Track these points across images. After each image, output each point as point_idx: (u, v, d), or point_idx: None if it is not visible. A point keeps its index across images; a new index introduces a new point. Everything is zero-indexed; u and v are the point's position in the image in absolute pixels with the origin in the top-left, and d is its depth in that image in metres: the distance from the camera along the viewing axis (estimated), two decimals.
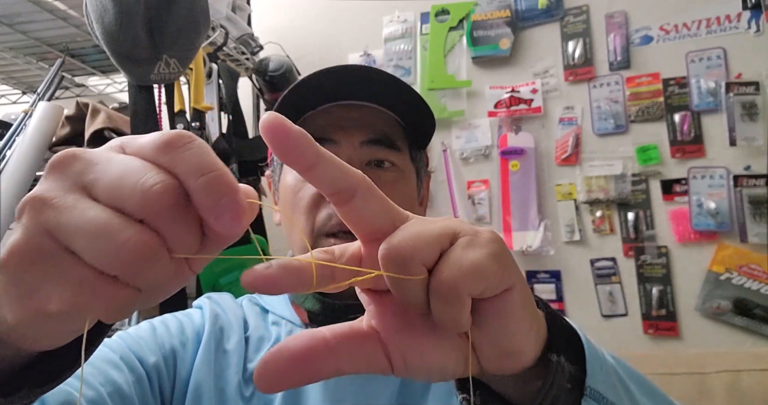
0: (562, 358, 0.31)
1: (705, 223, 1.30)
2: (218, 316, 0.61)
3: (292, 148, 0.26)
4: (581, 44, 1.46)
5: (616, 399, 0.33)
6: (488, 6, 1.56)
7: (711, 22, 1.37)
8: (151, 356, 0.54)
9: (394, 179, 0.60)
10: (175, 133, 0.24)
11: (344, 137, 0.59)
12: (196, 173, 0.23)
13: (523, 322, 0.29)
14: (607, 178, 1.39)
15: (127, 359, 0.52)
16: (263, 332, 0.61)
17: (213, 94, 1.30)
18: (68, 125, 1.14)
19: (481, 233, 0.28)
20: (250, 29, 1.45)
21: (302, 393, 0.56)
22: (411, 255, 0.25)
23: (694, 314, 1.30)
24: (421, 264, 0.26)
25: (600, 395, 0.32)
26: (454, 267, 0.26)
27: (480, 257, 0.26)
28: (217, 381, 0.56)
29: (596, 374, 0.32)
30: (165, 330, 0.58)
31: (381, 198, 0.28)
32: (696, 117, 1.35)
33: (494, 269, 0.26)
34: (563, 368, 0.31)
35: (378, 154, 0.59)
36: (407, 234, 0.26)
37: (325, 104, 0.60)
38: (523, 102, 1.48)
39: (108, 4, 0.92)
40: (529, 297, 0.30)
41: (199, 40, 1.06)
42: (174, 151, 0.23)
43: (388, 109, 0.61)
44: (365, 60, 1.65)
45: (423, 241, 0.26)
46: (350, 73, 0.60)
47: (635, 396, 0.36)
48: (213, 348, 0.58)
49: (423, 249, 0.26)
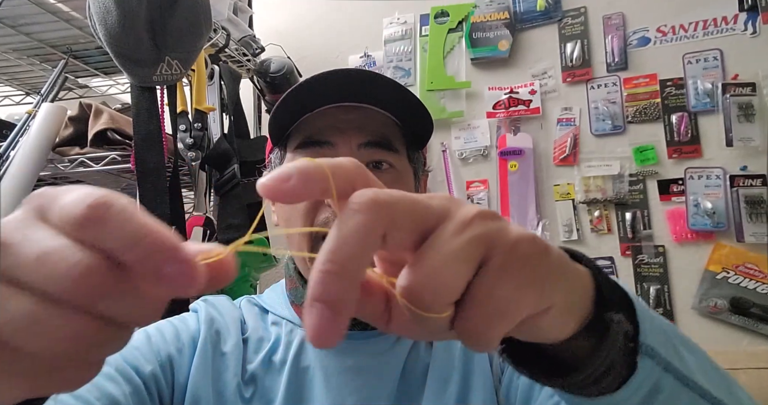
0: (620, 316, 0.29)
1: (702, 222, 1.31)
2: (214, 319, 0.61)
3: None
4: (579, 46, 1.48)
5: (668, 356, 0.31)
6: (487, 8, 1.57)
7: (708, 24, 1.38)
8: (147, 365, 0.54)
9: (392, 181, 0.60)
10: (93, 201, 0.20)
11: (342, 140, 0.59)
12: (124, 247, 0.20)
13: (561, 318, 0.27)
14: (605, 179, 1.41)
15: (122, 371, 0.51)
16: (263, 333, 0.61)
17: (215, 95, 1.32)
18: (71, 126, 1.15)
19: (517, 247, 0.24)
20: (251, 31, 1.46)
21: (304, 392, 0.57)
22: (432, 297, 0.23)
23: (691, 313, 1.31)
24: (445, 304, 0.23)
25: (654, 351, 0.30)
26: (483, 310, 0.23)
27: (514, 292, 0.23)
28: (214, 385, 0.56)
29: (648, 331, 0.30)
30: (160, 337, 0.58)
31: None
32: (693, 118, 1.36)
33: (530, 300, 0.24)
34: (621, 327, 0.29)
35: (376, 156, 0.60)
36: (428, 269, 0.23)
37: (322, 106, 0.60)
38: (522, 103, 1.49)
39: (111, 6, 0.93)
40: (569, 282, 0.27)
41: (201, 41, 1.07)
42: (95, 225, 0.20)
43: (385, 110, 0.62)
44: (365, 61, 1.66)
45: (448, 275, 0.23)
46: (347, 75, 0.60)
47: (683, 354, 0.33)
48: (209, 352, 0.57)
49: (447, 286, 0.23)
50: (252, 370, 0.58)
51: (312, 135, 0.60)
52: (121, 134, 1.13)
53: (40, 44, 1.27)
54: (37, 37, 1.25)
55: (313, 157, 0.64)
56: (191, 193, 1.29)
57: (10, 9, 1.13)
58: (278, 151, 0.65)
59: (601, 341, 0.29)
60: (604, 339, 0.29)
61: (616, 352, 0.28)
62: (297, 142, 0.60)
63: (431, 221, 0.24)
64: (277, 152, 0.65)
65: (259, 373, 0.57)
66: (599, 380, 0.29)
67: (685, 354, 0.33)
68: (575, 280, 0.28)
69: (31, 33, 1.24)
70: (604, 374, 0.29)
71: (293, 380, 0.57)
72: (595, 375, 0.29)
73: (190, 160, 1.18)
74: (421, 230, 0.24)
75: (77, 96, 1.49)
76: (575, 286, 0.28)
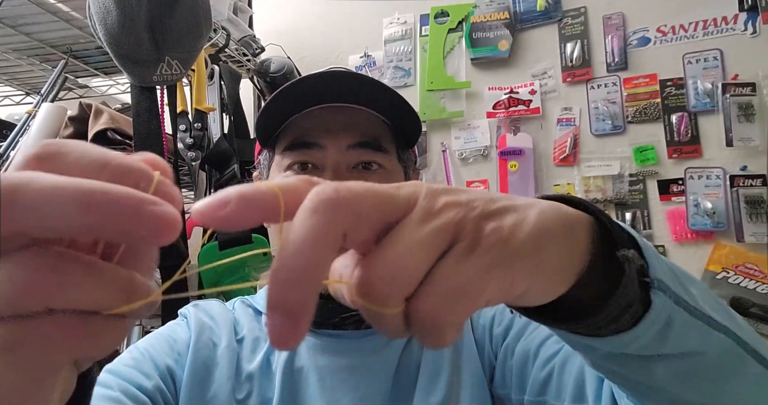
0: (633, 252, 0.28)
1: (702, 222, 1.31)
2: (204, 324, 0.61)
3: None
4: (579, 46, 1.48)
5: (677, 290, 0.30)
6: (487, 8, 1.57)
7: (708, 24, 1.38)
8: (149, 381, 0.54)
9: (382, 181, 0.59)
10: (45, 143, 0.20)
11: (331, 141, 0.59)
12: (94, 172, 0.19)
13: (546, 286, 0.25)
14: (605, 179, 1.41)
15: (126, 392, 0.51)
16: (258, 333, 0.61)
17: (215, 95, 1.32)
18: (71, 126, 1.15)
19: (483, 230, 0.23)
20: (251, 31, 1.46)
21: (299, 391, 0.57)
22: (385, 288, 0.21)
23: None
24: (400, 297, 0.21)
25: (665, 285, 0.29)
26: (434, 294, 0.21)
27: (474, 274, 0.22)
28: (206, 390, 0.56)
29: (657, 266, 0.29)
30: (153, 351, 0.58)
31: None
32: (693, 118, 1.36)
33: (494, 285, 0.22)
34: (635, 263, 0.28)
35: (365, 156, 0.59)
36: (383, 259, 0.21)
37: (310, 107, 0.60)
38: (522, 103, 1.50)
39: (111, 6, 0.94)
40: (559, 246, 0.25)
41: (201, 41, 1.07)
42: (55, 156, 0.19)
43: (373, 110, 0.61)
44: (365, 61, 1.66)
45: (405, 264, 0.21)
46: (333, 76, 0.60)
47: (687, 286, 0.32)
48: (201, 358, 0.57)
49: (403, 276, 0.21)
50: (249, 370, 0.58)
51: (300, 136, 0.60)
52: (121, 134, 1.13)
53: (40, 44, 1.27)
54: (37, 37, 1.25)
55: (302, 158, 0.64)
56: (191, 193, 1.29)
57: (10, 9, 1.13)
58: (267, 153, 0.64)
59: (612, 281, 0.27)
60: (614, 278, 0.27)
61: (633, 289, 0.27)
62: (285, 143, 0.60)
63: (398, 213, 0.23)
64: (266, 154, 0.65)
65: (255, 373, 0.57)
66: (617, 318, 0.28)
67: (688, 286, 0.32)
68: (561, 243, 0.26)
69: (31, 33, 1.24)
70: (623, 312, 0.28)
71: (287, 381, 0.57)
72: (614, 314, 0.28)
73: (190, 160, 1.18)
74: (386, 223, 0.23)
75: (77, 96, 1.49)
76: (561, 250, 0.26)
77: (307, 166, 0.59)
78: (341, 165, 0.58)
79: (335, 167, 0.58)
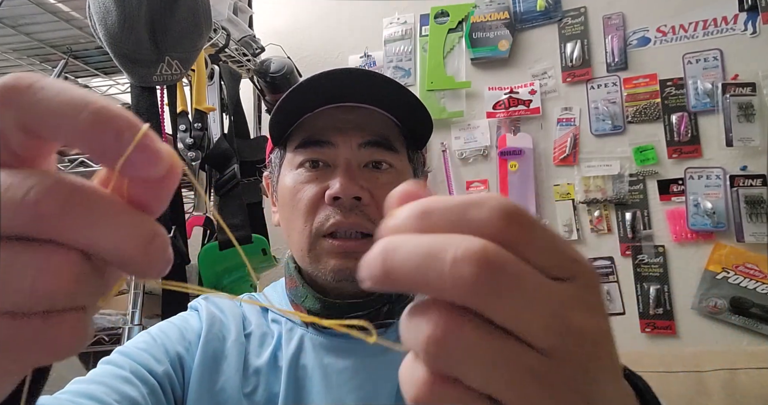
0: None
1: (702, 222, 1.31)
2: (215, 317, 0.61)
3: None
4: (579, 46, 1.48)
5: None
6: (487, 8, 1.57)
7: (708, 24, 1.38)
8: (160, 365, 0.55)
9: (392, 180, 0.60)
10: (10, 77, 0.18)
11: (342, 140, 0.59)
12: (65, 119, 0.18)
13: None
14: (605, 179, 1.41)
15: (137, 373, 0.52)
16: (266, 329, 0.62)
17: (215, 96, 1.32)
18: None
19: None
20: (251, 31, 1.46)
21: (303, 388, 0.57)
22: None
23: (690, 313, 1.31)
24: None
25: None
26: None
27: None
28: (215, 382, 0.56)
29: None
30: (165, 337, 0.58)
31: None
32: (693, 118, 1.36)
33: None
34: None
35: (376, 155, 0.60)
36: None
37: (322, 106, 0.61)
38: (522, 103, 1.50)
39: (111, 6, 0.94)
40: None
41: (201, 41, 1.07)
42: (18, 96, 0.18)
43: (385, 110, 0.62)
44: (365, 61, 1.66)
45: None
46: (347, 75, 0.60)
47: None
48: (211, 349, 0.58)
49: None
50: (257, 364, 0.58)
51: (312, 135, 0.60)
52: None
53: (40, 44, 1.27)
54: (37, 37, 1.25)
55: (313, 156, 0.64)
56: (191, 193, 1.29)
57: (10, 9, 1.13)
58: (278, 151, 0.65)
59: None
60: None
61: None
62: (297, 141, 0.61)
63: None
64: (278, 152, 0.66)
65: (263, 368, 0.58)
66: None
67: None
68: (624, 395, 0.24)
69: (31, 33, 1.24)
70: None
71: (292, 379, 0.57)
72: None
73: (190, 160, 1.18)
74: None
75: None
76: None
77: (319, 164, 0.60)
78: (352, 163, 0.59)
79: (346, 165, 0.59)
